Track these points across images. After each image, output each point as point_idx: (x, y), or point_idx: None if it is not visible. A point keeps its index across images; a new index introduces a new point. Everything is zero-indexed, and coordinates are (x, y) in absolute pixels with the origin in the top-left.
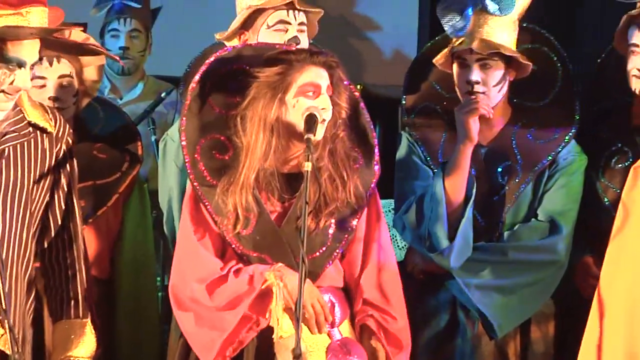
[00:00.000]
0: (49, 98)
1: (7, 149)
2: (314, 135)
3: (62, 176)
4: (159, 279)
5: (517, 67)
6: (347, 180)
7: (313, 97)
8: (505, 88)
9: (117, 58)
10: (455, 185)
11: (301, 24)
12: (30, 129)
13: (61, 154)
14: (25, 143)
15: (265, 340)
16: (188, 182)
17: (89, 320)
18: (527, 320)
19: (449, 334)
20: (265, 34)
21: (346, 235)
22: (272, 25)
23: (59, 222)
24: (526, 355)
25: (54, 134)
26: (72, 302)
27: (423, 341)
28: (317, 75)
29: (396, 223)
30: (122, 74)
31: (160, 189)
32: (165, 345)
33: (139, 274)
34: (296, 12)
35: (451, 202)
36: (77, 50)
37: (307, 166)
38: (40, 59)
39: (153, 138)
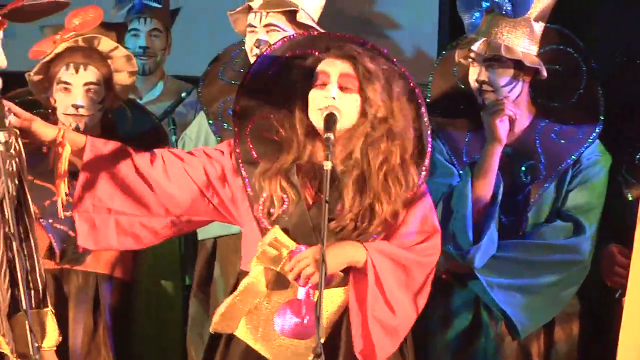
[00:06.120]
0: (72, 105)
1: None
2: (334, 134)
3: (13, 167)
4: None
5: (530, 68)
6: (390, 197)
7: (321, 88)
8: (519, 88)
9: None
10: (483, 186)
11: (268, 25)
12: None
13: (11, 146)
14: None
15: None
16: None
17: (49, 309)
18: (550, 321)
19: (472, 333)
20: (247, 36)
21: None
22: (247, 27)
23: (14, 215)
24: (549, 355)
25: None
26: (32, 292)
27: (446, 341)
28: (328, 64)
29: None
30: (143, 73)
31: None
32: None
33: (163, 276)
34: (262, 14)
35: (478, 203)
36: (104, 57)
37: (327, 165)
38: (67, 65)
39: (174, 138)
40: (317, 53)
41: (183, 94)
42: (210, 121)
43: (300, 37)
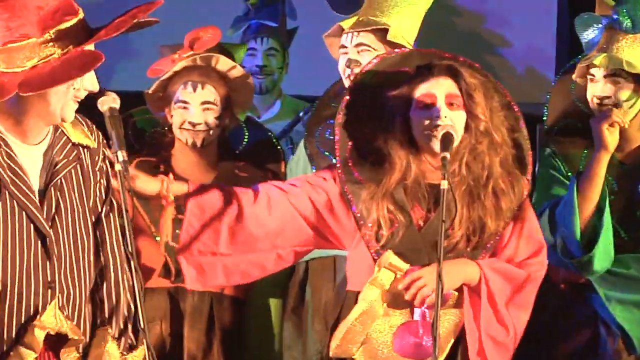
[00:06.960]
0: (188, 122)
1: (59, 181)
2: (449, 153)
3: (103, 187)
4: None
5: None
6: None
7: (427, 109)
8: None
9: None
10: (588, 194)
11: (359, 44)
12: (75, 150)
13: (100, 166)
14: (75, 168)
15: None
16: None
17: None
18: None
19: (591, 348)
20: (340, 57)
21: (482, 255)
22: (340, 49)
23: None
24: None
25: (93, 147)
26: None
27: (565, 354)
28: (432, 85)
29: None
30: (259, 92)
31: None
32: None
33: (273, 296)
34: (354, 35)
35: (585, 210)
36: (222, 77)
37: (444, 184)
38: (185, 84)
39: (292, 157)
40: (410, 71)
41: (301, 113)
42: (307, 146)
43: (391, 54)
